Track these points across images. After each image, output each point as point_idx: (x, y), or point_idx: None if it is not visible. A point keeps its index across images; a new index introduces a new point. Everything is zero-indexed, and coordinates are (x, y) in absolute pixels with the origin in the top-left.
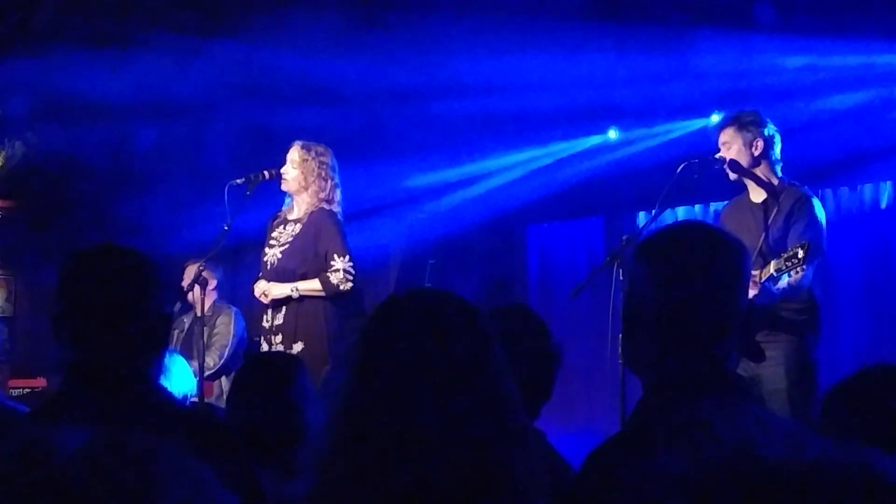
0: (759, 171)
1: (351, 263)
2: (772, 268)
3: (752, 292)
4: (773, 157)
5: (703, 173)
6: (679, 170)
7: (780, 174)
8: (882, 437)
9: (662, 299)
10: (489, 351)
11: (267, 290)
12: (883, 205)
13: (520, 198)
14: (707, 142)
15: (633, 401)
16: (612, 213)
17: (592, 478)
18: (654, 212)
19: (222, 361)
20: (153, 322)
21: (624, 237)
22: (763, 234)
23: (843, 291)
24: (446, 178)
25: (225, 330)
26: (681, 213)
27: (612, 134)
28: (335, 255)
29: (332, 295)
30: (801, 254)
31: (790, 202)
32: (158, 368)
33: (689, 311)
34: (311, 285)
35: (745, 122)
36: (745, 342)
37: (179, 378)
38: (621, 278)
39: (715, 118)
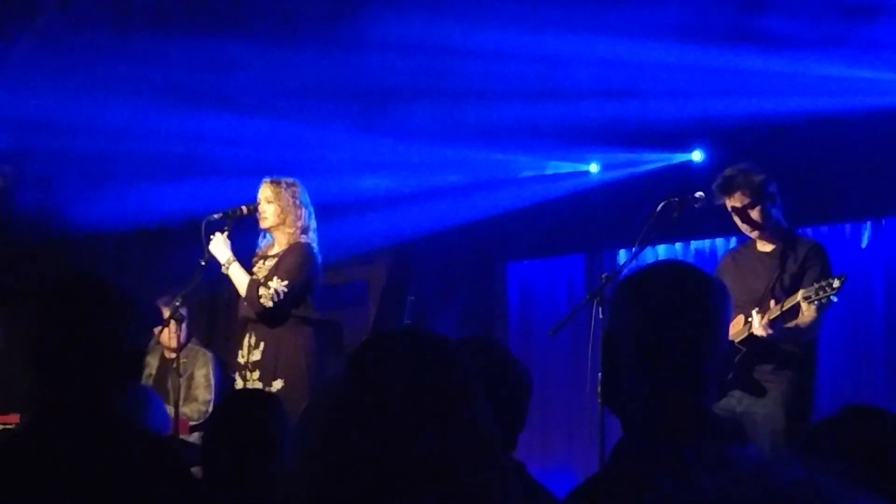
0: (772, 223)
1: (286, 289)
2: (800, 295)
3: (765, 331)
4: (779, 207)
5: (682, 212)
6: (659, 208)
7: (784, 222)
8: (862, 475)
9: (643, 338)
10: (470, 389)
11: (218, 243)
12: (863, 244)
13: (500, 235)
14: (688, 178)
15: (613, 439)
16: (593, 251)
17: None
18: (634, 250)
19: (207, 416)
20: (127, 355)
21: (604, 275)
22: (775, 280)
23: (823, 331)
24: (425, 215)
25: (205, 381)
26: (661, 250)
27: (594, 168)
28: (275, 277)
29: (248, 301)
30: (836, 283)
31: (804, 250)
32: (132, 401)
33: (670, 350)
34: (242, 277)
35: (757, 185)
36: (745, 376)
37: (154, 415)
38: (601, 316)
39: (697, 155)
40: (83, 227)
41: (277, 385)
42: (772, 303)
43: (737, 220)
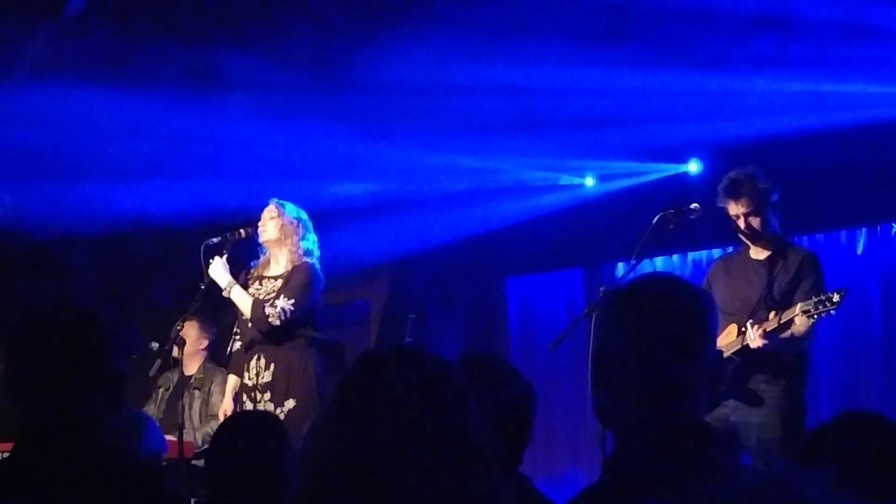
0: (770, 232)
1: (292, 307)
2: (798, 308)
3: (762, 342)
4: (777, 216)
5: (678, 223)
6: (654, 221)
7: (780, 231)
8: (860, 479)
9: (630, 351)
10: (465, 408)
11: (217, 267)
12: (859, 251)
13: (498, 251)
14: (685, 190)
15: None
16: (591, 264)
17: None
18: (632, 262)
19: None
20: (109, 380)
21: (602, 288)
22: (768, 288)
23: (821, 338)
24: (423, 232)
25: (223, 398)
26: (659, 262)
27: (589, 181)
28: (282, 296)
29: (255, 321)
30: (836, 298)
31: (798, 259)
32: (113, 427)
33: (660, 362)
34: (245, 298)
35: (762, 193)
36: (739, 386)
37: (148, 438)
38: None
39: (693, 166)
40: (56, 233)
41: (289, 405)
42: (771, 314)
43: (736, 225)
